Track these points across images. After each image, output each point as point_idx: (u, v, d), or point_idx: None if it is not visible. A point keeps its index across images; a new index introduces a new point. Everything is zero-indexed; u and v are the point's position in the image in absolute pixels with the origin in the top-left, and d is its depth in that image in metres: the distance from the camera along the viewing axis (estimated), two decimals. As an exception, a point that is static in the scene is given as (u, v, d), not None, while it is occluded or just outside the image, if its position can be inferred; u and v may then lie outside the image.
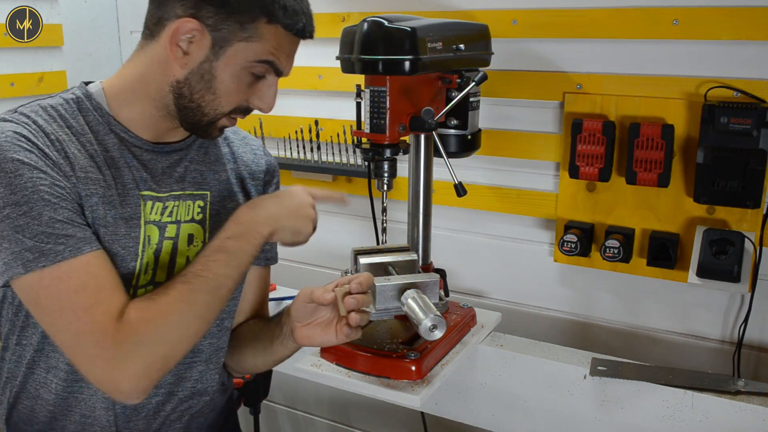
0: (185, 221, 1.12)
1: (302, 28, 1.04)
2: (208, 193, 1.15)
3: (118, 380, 0.94)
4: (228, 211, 1.16)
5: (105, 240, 1.02)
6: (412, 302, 1.06)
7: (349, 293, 1.06)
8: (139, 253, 1.06)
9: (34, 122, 1.00)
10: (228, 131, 1.22)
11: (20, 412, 1.12)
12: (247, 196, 1.22)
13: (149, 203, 1.08)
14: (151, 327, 0.95)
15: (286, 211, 1.09)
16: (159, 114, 1.07)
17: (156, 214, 1.09)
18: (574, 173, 1.54)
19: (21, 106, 1.05)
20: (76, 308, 0.94)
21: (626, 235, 1.54)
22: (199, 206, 1.14)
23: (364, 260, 1.19)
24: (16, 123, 0.99)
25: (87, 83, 1.10)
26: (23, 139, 0.96)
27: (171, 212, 1.10)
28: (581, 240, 1.55)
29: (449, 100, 1.35)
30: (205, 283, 0.99)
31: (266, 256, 1.30)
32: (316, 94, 1.92)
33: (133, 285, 1.06)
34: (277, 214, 1.08)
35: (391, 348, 1.23)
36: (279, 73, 1.06)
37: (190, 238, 1.13)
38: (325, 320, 1.11)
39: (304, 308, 1.10)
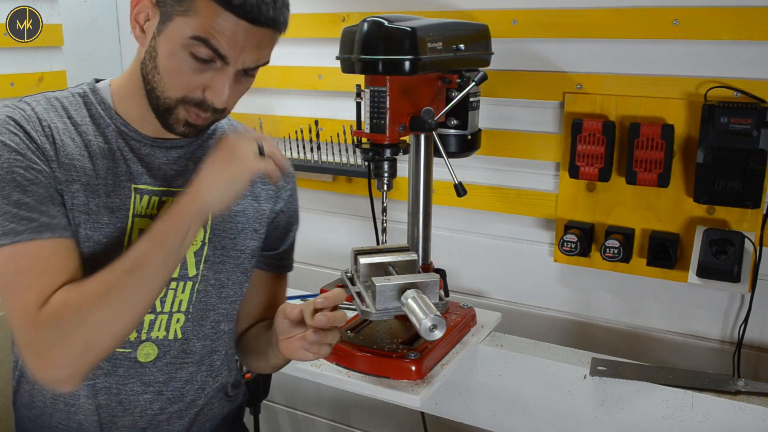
0: None
1: (242, 6, 0.94)
2: None
3: (42, 365, 0.94)
4: (233, 213, 1.16)
5: (87, 227, 1.03)
6: (412, 302, 1.06)
7: (317, 309, 1.02)
8: (125, 245, 1.05)
9: (32, 109, 1.04)
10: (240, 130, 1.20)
11: (22, 396, 1.14)
12: (257, 200, 1.20)
13: (146, 197, 1.08)
14: (71, 310, 0.94)
15: (218, 182, 1.00)
16: (145, 102, 1.05)
17: (152, 208, 1.08)
18: (574, 173, 1.54)
19: (29, 96, 1.08)
20: (17, 289, 0.95)
21: (626, 235, 1.54)
22: None
23: (364, 260, 1.19)
24: (12, 108, 1.03)
25: (98, 80, 1.13)
26: (12, 123, 1.00)
27: (154, 201, 1.09)
28: (581, 240, 1.55)
29: (449, 100, 1.35)
30: (126, 265, 0.96)
31: (278, 264, 1.28)
32: (316, 94, 1.92)
33: None
34: (206, 193, 1.00)
35: (391, 348, 1.23)
36: (222, 59, 0.97)
37: None
38: (303, 335, 1.07)
39: (282, 323, 1.08)
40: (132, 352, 1.10)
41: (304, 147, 1.94)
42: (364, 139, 1.28)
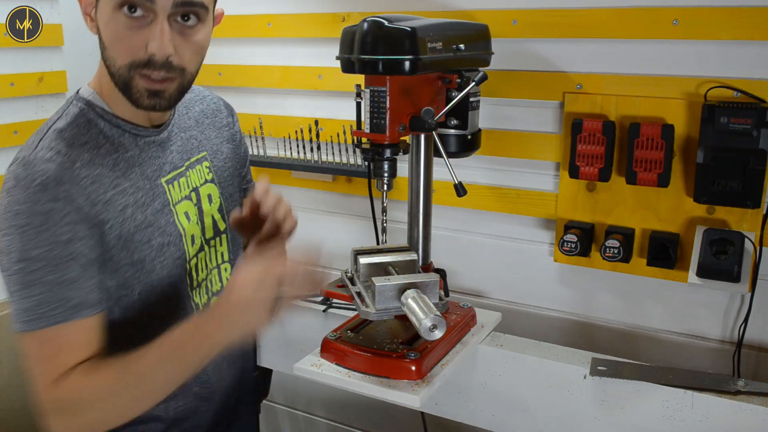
0: (201, 185, 1.21)
1: None
2: (206, 152, 1.24)
3: (56, 426, 1.01)
4: (221, 162, 1.27)
5: (154, 239, 1.09)
6: (412, 302, 1.06)
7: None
8: (182, 232, 1.15)
9: (58, 152, 1.01)
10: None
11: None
12: (230, 141, 1.31)
13: (175, 183, 1.15)
14: (82, 398, 0.99)
15: (240, 327, 0.99)
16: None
17: (184, 190, 1.17)
18: (574, 173, 1.54)
19: (36, 136, 1.05)
20: (38, 356, 1.01)
21: (626, 235, 1.54)
22: (206, 167, 1.23)
23: (364, 260, 1.19)
24: (43, 162, 0.99)
25: (77, 91, 1.13)
26: (51, 184, 0.98)
27: (188, 183, 1.18)
28: (581, 240, 1.55)
29: (449, 100, 1.35)
30: (139, 372, 1.00)
31: (249, 186, 1.39)
32: (316, 94, 1.92)
33: (187, 261, 1.16)
34: (228, 334, 0.99)
35: (391, 348, 1.23)
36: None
37: (210, 197, 1.23)
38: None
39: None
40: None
41: (304, 147, 1.94)
42: (364, 139, 1.28)
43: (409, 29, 1.19)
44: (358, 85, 1.27)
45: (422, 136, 1.35)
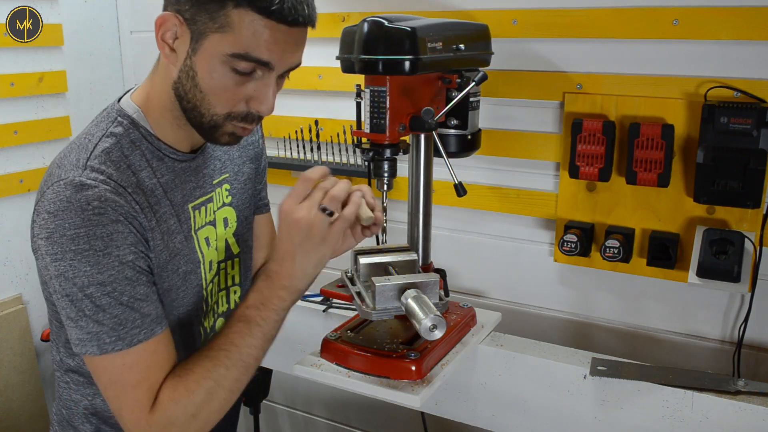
0: (218, 208, 1.17)
1: (280, 10, 0.92)
2: (228, 174, 1.20)
3: None
4: (241, 184, 1.22)
5: (180, 267, 1.07)
6: (412, 302, 1.06)
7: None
8: (201, 259, 1.12)
9: (109, 177, 0.97)
10: None
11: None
12: (252, 161, 1.26)
13: (202, 209, 1.12)
14: (180, 408, 0.97)
15: (300, 259, 1.00)
16: (181, 121, 1.03)
17: (209, 216, 1.14)
18: (574, 173, 1.54)
19: (79, 153, 0.99)
20: (125, 384, 0.97)
21: (626, 235, 1.54)
22: (226, 189, 1.19)
23: (364, 260, 1.19)
24: (97, 184, 0.95)
25: (119, 99, 1.07)
26: (110, 206, 0.94)
27: (212, 208, 1.16)
28: (581, 240, 1.55)
29: (449, 100, 1.35)
30: (229, 357, 1.00)
31: (266, 204, 1.36)
32: (316, 94, 1.92)
33: (204, 288, 1.13)
34: (292, 272, 1.01)
35: (391, 348, 1.23)
36: (267, 66, 0.96)
37: (225, 221, 1.18)
38: None
39: None
40: (213, 333, 1.19)
41: (304, 147, 1.94)
42: (364, 139, 1.28)
43: (409, 29, 1.19)
44: (358, 85, 1.26)
45: (422, 136, 1.35)
